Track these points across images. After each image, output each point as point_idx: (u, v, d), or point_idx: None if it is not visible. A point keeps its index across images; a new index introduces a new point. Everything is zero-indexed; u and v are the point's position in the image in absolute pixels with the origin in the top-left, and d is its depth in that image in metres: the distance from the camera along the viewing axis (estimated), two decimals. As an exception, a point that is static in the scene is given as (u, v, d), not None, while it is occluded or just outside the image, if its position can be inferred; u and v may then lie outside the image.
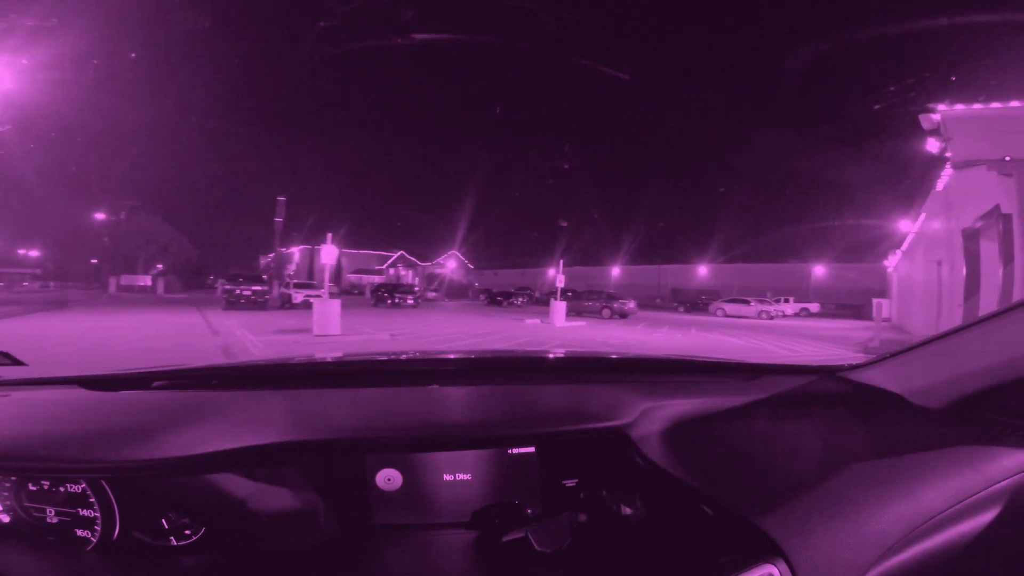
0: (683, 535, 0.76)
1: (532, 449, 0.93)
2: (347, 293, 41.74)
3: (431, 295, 39.59)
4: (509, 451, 0.92)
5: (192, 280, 43.85)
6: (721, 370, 1.39)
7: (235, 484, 0.83)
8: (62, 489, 0.81)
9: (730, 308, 27.66)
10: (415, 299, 26.00)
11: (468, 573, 0.79)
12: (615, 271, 47.65)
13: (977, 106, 9.48)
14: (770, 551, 0.68)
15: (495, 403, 1.04)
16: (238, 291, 20.17)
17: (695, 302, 33.29)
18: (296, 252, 53.43)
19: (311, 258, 50.34)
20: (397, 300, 25.10)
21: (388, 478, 0.89)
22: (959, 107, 9.60)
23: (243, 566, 0.80)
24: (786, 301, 29.86)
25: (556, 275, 17.30)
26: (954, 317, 10.56)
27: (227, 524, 0.83)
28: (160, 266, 43.39)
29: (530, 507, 0.88)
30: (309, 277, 45.48)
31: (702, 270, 43.09)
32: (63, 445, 0.81)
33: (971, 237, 9.78)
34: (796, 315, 30.06)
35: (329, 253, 11.11)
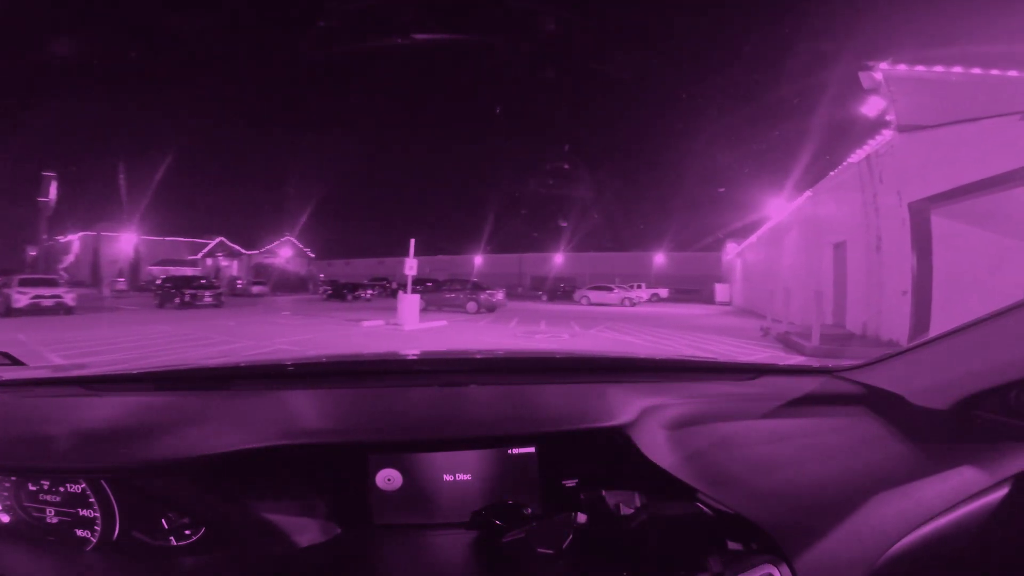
0: (683, 535, 0.76)
1: (532, 449, 0.92)
2: (144, 289, 32.43)
3: (256, 289, 32.83)
4: (509, 451, 0.91)
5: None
6: (721, 370, 1.37)
7: (235, 484, 0.83)
8: (62, 489, 0.81)
9: (594, 296, 27.15)
10: (216, 296, 19.93)
11: (468, 573, 0.79)
12: (478, 260, 46.17)
13: (920, 68, 8.54)
14: (770, 551, 0.70)
15: (495, 403, 1.04)
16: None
17: (556, 290, 32.88)
18: (75, 241, 44.76)
19: (96, 249, 41.87)
20: (188, 298, 19.00)
21: (388, 478, 0.88)
22: (901, 67, 8.50)
23: (243, 566, 0.79)
24: (638, 287, 30.80)
25: (408, 261, 12.94)
26: (893, 305, 9.18)
27: (227, 524, 0.82)
28: None
29: (530, 507, 0.85)
30: (94, 271, 38.27)
31: (558, 259, 43.88)
32: (63, 445, 0.82)
33: (920, 212, 8.51)
34: (649, 300, 31.27)
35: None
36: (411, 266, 12.82)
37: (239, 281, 34.67)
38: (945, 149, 7.57)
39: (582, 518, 0.77)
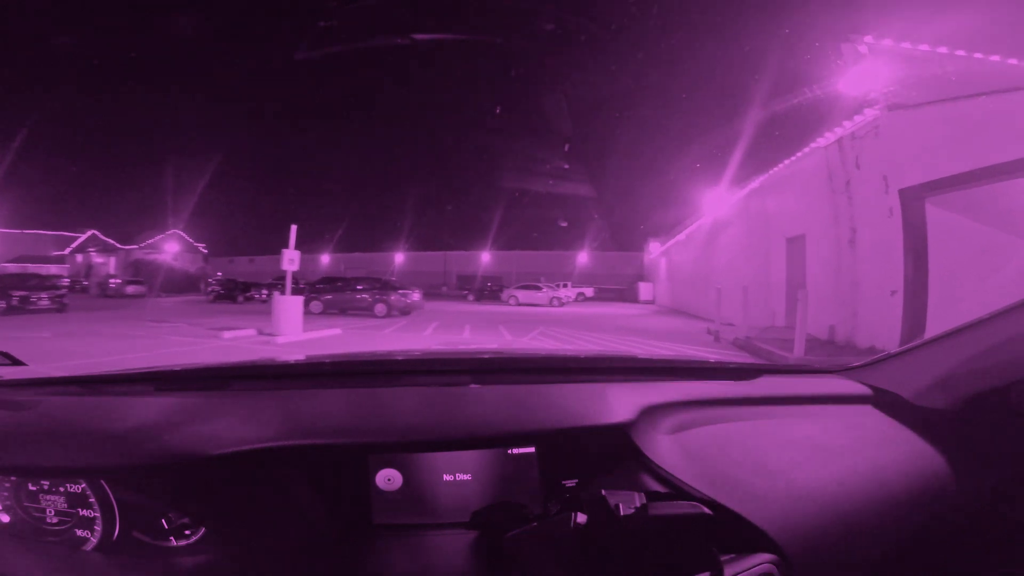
0: (683, 535, 0.77)
1: (532, 449, 0.91)
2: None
3: (131, 290, 28.68)
4: (509, 451, 0.91)
5: None
6: (722, 370, 1.36)
7: (235, 484, 0.83)
8: (62, 489, 0.81)
9: (523, 296, 26.20)
10: (56, 298, 16.36)
11: (468, 573, 0.79)
12: (399, 258, 44.09)
13: (905, 45, 7.71)
14: (769, 550, 0.71)
15: (495, 403, 1.03)
16: None
17: (483, 289, 31.80)
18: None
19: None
20: (17, 302, 15.43)
21: (388, 478, 0.88)
22: (887, 42, 7.64)
23: (243, 566, 0.79)
24: (565, 286, 30.41)
25: (286, 252, 10.25)
26: (874, 306, 7.93)
27: (227, 524, 0.82)
28: None
29: (530, 507, 0.85)
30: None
31: (484, 257, 42.99)
32: (63, 445, 0.82)
33: (913, 201, 7.50)
34: (576, 299, 30.98)
35: None
36: (291, 259, 10.28)
37: (112, 280, 30.05)
38: (944, 130, 6.71)
39: (582, 518, 0.75)
